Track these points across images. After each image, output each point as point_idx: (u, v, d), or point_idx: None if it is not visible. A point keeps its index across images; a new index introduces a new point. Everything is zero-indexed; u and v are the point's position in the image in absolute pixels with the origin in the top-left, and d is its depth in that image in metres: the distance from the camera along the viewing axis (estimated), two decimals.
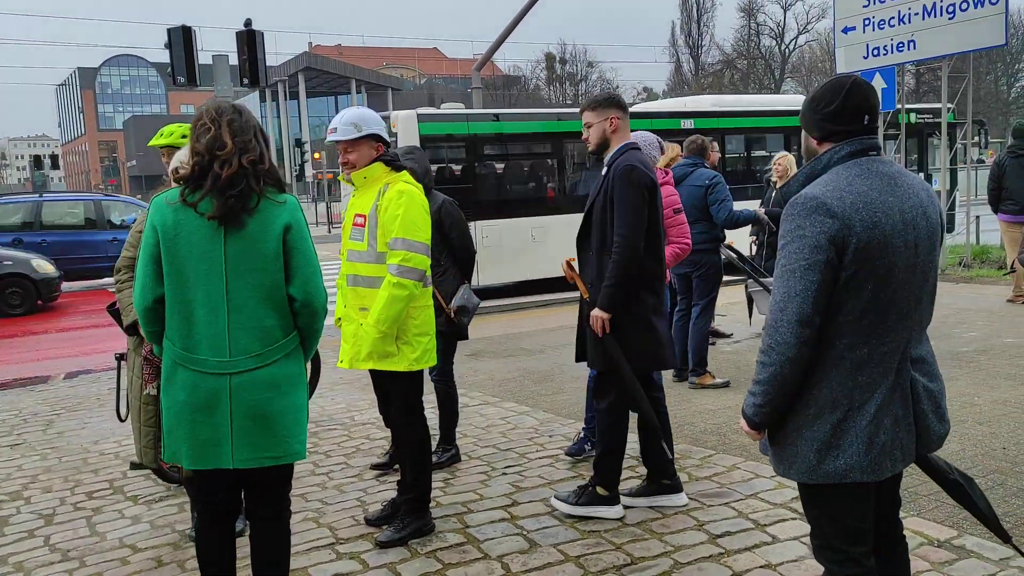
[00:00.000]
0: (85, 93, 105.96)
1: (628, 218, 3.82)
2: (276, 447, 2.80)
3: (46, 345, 10.53)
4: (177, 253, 2.68)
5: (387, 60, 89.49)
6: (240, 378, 2.72)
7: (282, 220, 2.73)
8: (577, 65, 68.70)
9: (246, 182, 2.68)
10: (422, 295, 3.83)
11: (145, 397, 3.90)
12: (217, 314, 2.69)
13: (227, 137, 2.70)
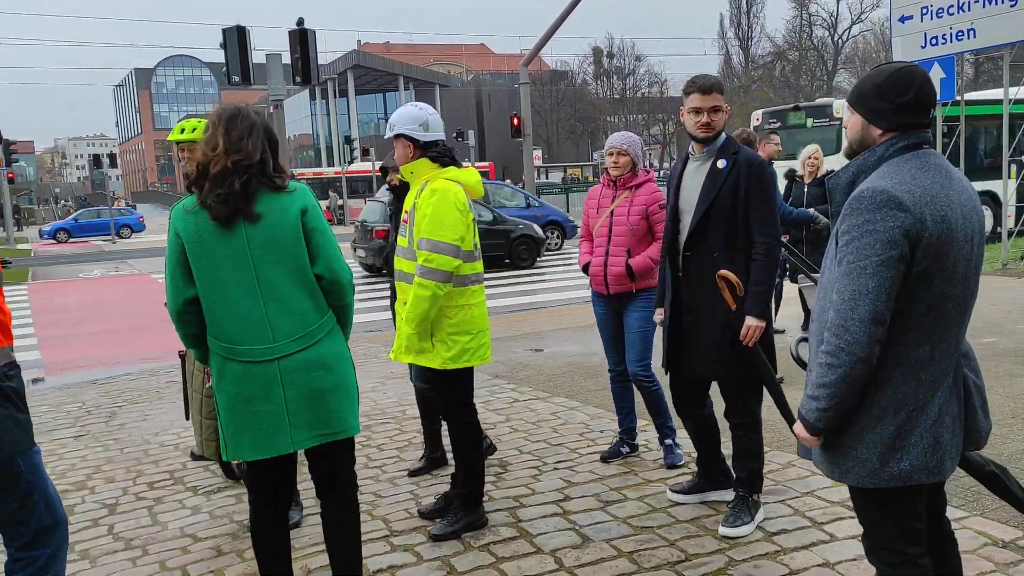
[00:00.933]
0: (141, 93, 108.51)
1: (772, 217, 3.66)
2: (331, 423, 2.92)
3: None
4: (204, 254, 2.81)
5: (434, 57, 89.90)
6: (287, 361, 2.84)
7: (298, 205, 2.84)
8: (625, 59, 68.19)
9: (232, 180, 2.76)
10: (460, 294, 3.81)
11: (207, 391, 3.98)
12: (254, 304, 2.82)
13: (220, 138, 2.82)
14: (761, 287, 3.62)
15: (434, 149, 3.88)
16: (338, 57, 62.15)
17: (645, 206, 4.58)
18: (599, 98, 67.71)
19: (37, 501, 2.69)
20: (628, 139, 4.70)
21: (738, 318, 3.60)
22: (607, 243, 4.65)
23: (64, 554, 2.80)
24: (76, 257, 28.26)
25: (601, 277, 4.66)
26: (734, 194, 3.64)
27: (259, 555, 3.09)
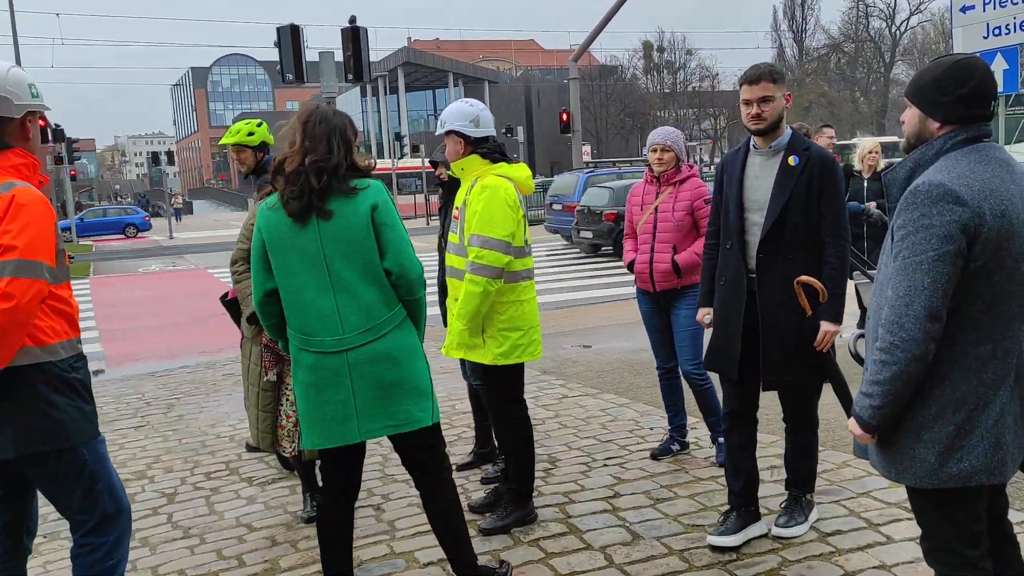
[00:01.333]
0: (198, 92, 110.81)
1: (844, 218, 3.50)
2: (397, 415, 2.99)
3: None
4: (281, 249, 2.94)
5: (483, 53, 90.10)
6: (356, 353, 2.92)
7: (368, 201, 2.90)
8: (675, 53, 67.54)
9: (305, 179, 2.86)
10: (511, 290, 3.81)
11: (264, 384, 4.06)
12: (326, 297, 2.91)
13: (297, 137, 2.93)
14: (837, 289, 3.46)
15: (484, 145, 3.89)
16: (389, 54, 62.67)
17: (690, 201, 4.53)
18: (649, 93, 67.15)
19: (101, 490, 2.78)
20: (671, 134, 4.66)
21: (812, 324, 3.44)
22: (652, 240, 4.61)
23: (127, 541, 2.89)
24: (135, 252, 28.99)
25: (647, 274, 4.63)
26: (807, 194, 3.45)
27: (323, 544, 3.17)
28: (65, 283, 2.74)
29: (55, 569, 3.89)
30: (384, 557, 3.75)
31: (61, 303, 2.69)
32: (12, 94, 2.67)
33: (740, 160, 3.63)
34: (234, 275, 4.16)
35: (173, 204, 45.94)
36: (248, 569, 3.74)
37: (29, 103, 2.72)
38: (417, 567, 3.65)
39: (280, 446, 4.10)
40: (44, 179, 2.77)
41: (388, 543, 3.89)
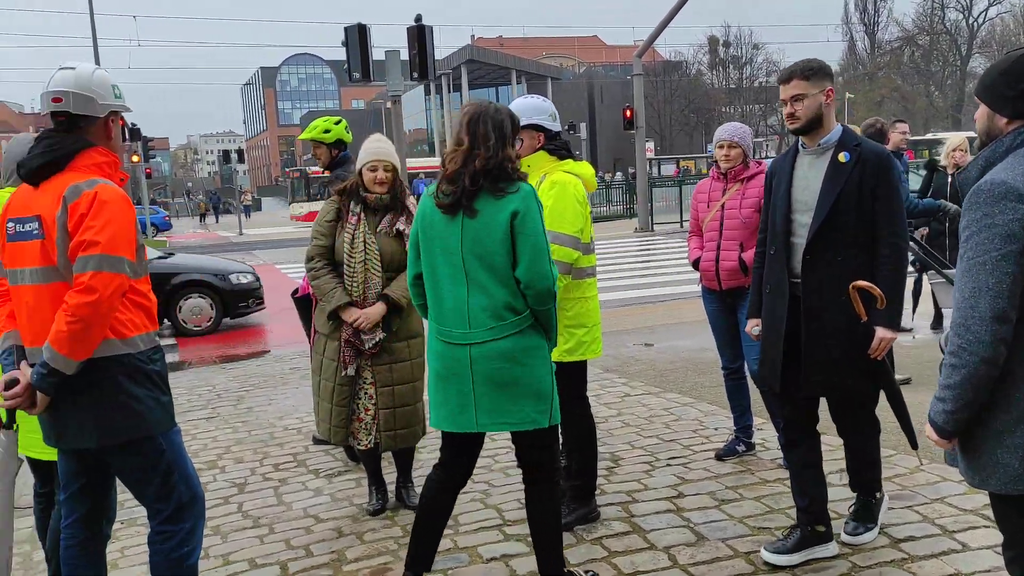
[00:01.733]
0: (267, 91, 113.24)
1: (901, 217, 3.33)
2: (511, 414, 3.07)
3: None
4: (428, 238, 3.10)
5: (546, 50, 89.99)
6: (479, 348, 3.03)
7: (510, 207, 2.96)
8: (742, 48, 66.44)
9: (465, 177, 2.96)
10: (576, 287, 3.81)
11: (342, 379, 4.12)
12: (458, 291, 3.04)
13: (464, 135, 3.03)
14: (893, 294, 3.28)
15: (553, 141, 3.91)
16: (452, 52, 63.07)
17: (758, 198, 4.44)
18: (714, 88, 66.20)
19: (178, 479, 2.87)
20: (738, 130, 4.59)
21: (866, 329, 3.28)
22: (718, 237, 4.55)
23: (201, 529, 2.98)
24: (206, 248, 29.78)
25: (713, 272, 4.57)
26: (859, 191, 3.28)
27: (417, 527, 3.24)
28: (144, 277, 2.84)
29: (132, 554, 4.02)
30: (448, 551, 3.79)
31: (140, 297, 2.79)
32: (97, 94, 2.77)
33: (789, 162, 3.49)
34: (311, 271, 4.19)
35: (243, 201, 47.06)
36: (315, 559, 3.81)
37: (112, 103, 2.82)
38: (480, 562, 3.67)
39: (356, 439, 4.16)
40: (125, 176, 2.87)
41: (452, 537, 3.93)
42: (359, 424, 4.14)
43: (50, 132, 2.77)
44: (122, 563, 3.93)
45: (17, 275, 2.77)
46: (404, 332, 4.17)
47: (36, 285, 2.70)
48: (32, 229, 2.69)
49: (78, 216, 2.62)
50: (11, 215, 2.78)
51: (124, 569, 3.87)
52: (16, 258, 2.76)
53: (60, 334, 2.57)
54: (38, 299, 2.70)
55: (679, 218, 23.38)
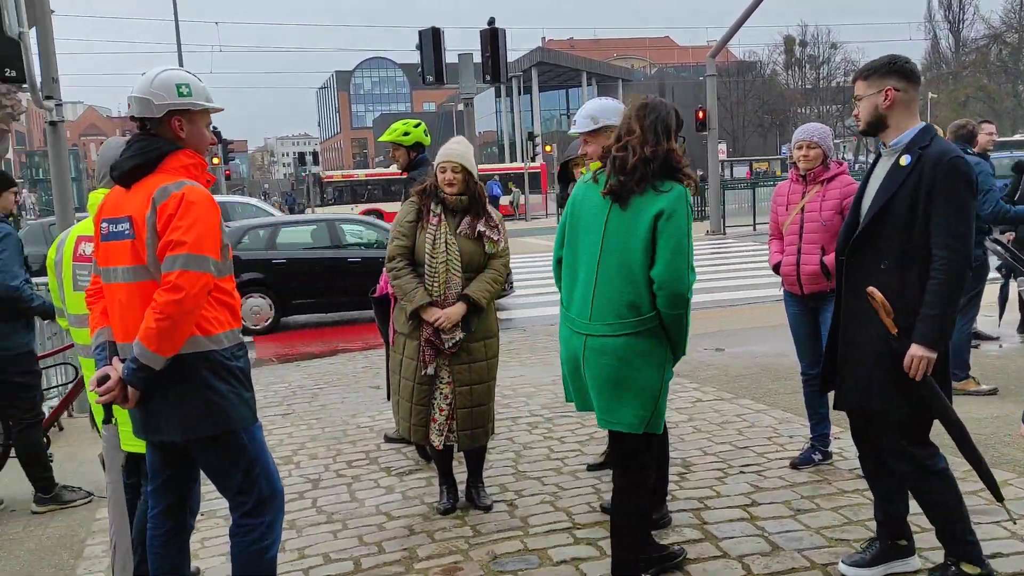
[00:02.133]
0: (341, 95, 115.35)
1: (960, 227, 2.97)
2: (610, 411, 3.13)
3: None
4: (576, 222, 3.20)
5: (618, 51, 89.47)
6: (594, 341, 3.10)
7: (656, 207, 2.99)
8: (819, 47, 64.84)
9: (638, 169, 3.02)
10: None
11: (421, 377, 4.17)
12: (589, 279, 3.11)
13: (635, 125, 3.09)
14: (933, 309, 2.96)
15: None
16: (523, 54, 63.22)
17: (839, 200, 4.35)
18: (789, 89, 64.78)
19: (259, 474, 2.95)
20: (818, 130, 4.50)
21: (902, 345, 3.02)
22: (799, 241, 4.46)
23: (280, 523, 3.05)
24: None
25: (794, 276, 4.48)
26: (914, 195, 3.02)
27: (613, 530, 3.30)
28: (229, 276, 2.92)
29: (211, 545, 4.14)
30: (518, 552, 3.80)
31: (225, 295, 2.87)
32: (155, 95, 2.82)
33: (872, 165, 3.36)
34: (392, 271, 4.24)
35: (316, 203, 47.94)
36: (387, 556, 3.87)
37: (172, 102, 2.83)
38: (550, 564, 3.67)
39: (429, 439, 4.21)
40: (211, 178, 2.96)
41: (522, 539, 3.94)
42: (433, 424, 4.18)
43: (139, 136, 2.88)
44: (202, 553, 4.05)
45: (110, 273, 2.88)
46: (481, 332, 4.20)
47: (128, 283, 2.81)
48: (124, 229, 2.80)
49: (166, 217, 2.71)
50: (105, 216, 2.90)
51: (204, 559, 3.99)
52: (109, 257, 2.87)
53: (149, 331, 2.66)
54: (130, 297, 2.81)
55: (751, 221, 22.98)
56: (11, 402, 4.80)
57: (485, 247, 4.18)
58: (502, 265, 4.25)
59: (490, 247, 4.19)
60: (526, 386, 6.99)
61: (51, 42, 6.78)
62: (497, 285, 4.20)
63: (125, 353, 2.80)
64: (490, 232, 4.18)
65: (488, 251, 4.19)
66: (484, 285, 4.15)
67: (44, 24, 6.81)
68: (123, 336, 2.85)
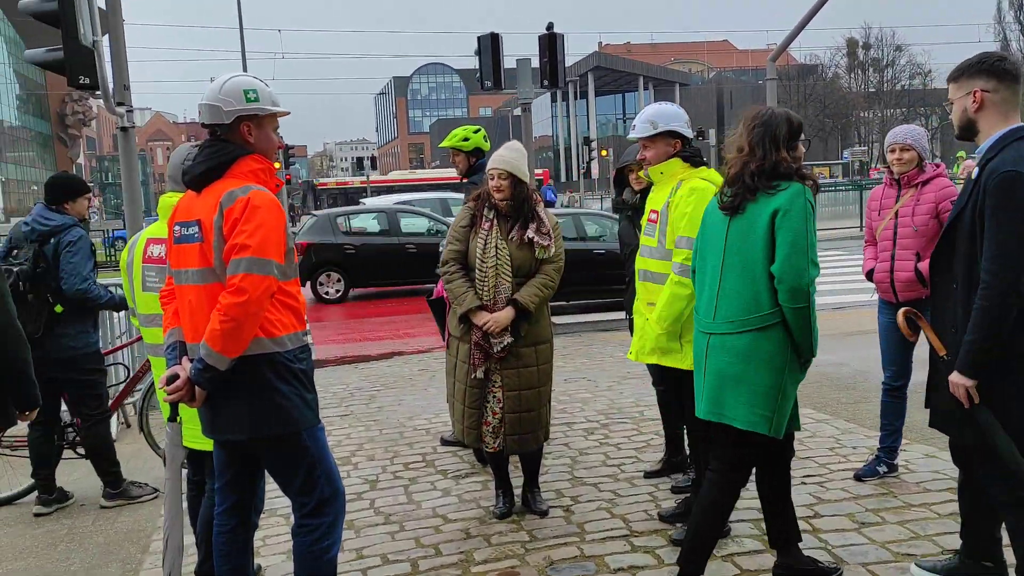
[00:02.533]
0: (398, 100, 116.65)
1: (1002, 249, 2.75)
2: (724, 406, 3.18)
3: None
4: (704, 230, 3.36)
5: (675, 55, 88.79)
6: (716, 339, 3.20)
7: (773, 205, 3.06)
8: (883, 49, 63.44)
9: (742, 180, 3.13)
10: None
11: (472, 380, 4.19)
12: (714, 282, 3.23)
13: (744, 141, 3.20)
14: (971, 335, 2.79)
15: (687, 149, 3.89)
16: (580, 59, 63.19)
17: (934, 204, 4.22)
18: (852, 92, 63.50)
19: (320, 474, 2.99)
20: (912, 132, 4.38)
21: (949, 368, 2.89)
22: (892, 247, 4.35)
23: (341, 523, 3.08)
24: None
25: (887, 284, 4.37)
26: (973, 211, 2.85)
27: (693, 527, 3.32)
28: (293, 280, 2.97)
29: (272, 543, 4.21)
30: (574, 559, 3.78)
31: (289, 298, 2.92)
32: (224, 102, 2.89)
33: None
34: (444, 275, 4.29)
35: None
36: (444, 559, 3.88)
37: (241, 108, 2.89)
38: (607, 571, 3.64)
39: (483, 441, 4.22)
40: (280, 183, 3.02)
41: (578, 545, 3.92)
42: (486, 428, 4.19)
43: (210, 141, 2.95)
44: (264, 551, 4.12)
45: (181, 275, 2.96)
46: (532, 337, 4.19)
47: (196, 285, 2.88)
48: (193, 232, 2.86)
49: (232, 220, 2.76)
50: (178, 219, 2.98)
51: (266, 557, 4.05)
52: (181, 259, 2.95)
53: (214, 332, 2.72)
54: (198, 298, 2.88)
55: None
56: (80, 399, 4.96)
57: (536, 253, 4.18)
58: (554, 271, 4.22)
59: (540, 253, 4.17)
60: (582, 391, 6.96)
61: (123, 50, 6.99)
62: (547, 291, 4.18)
63: (194, 353, 2.87)
64: (540, 238, 4.16)
65: (539, 256, 4.18)
66: (533, 290, 4.14)
67: (116, 32, 7.02)
68: (192, 337, 2.92)
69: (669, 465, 4.85)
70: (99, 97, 6.73)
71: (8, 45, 60.47)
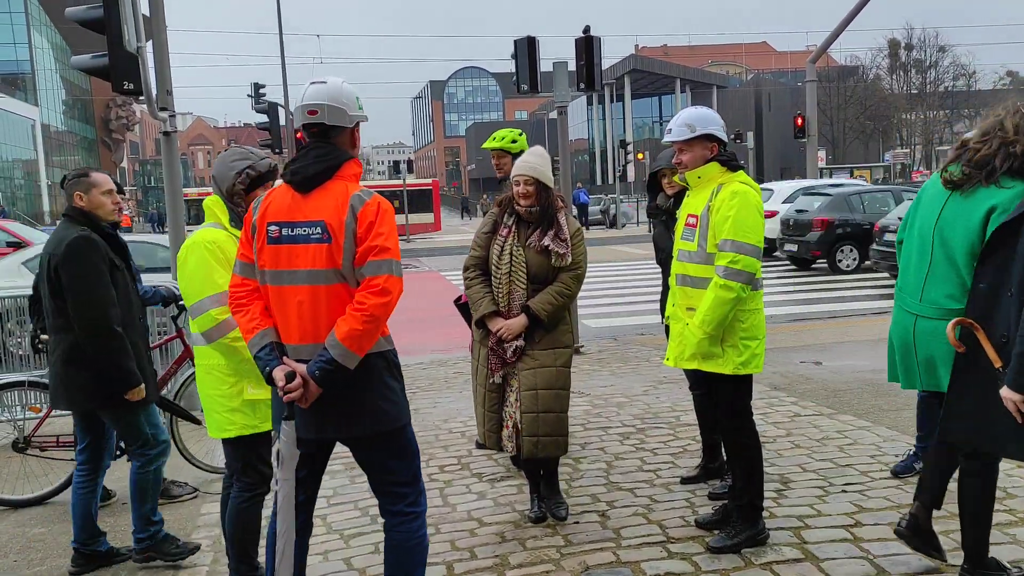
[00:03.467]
0: (435, 104, 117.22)
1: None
2: (940, 382, 3.27)
3: None
4: (916, 208, 3.43)
5: (713, 58, 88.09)
6: (923, 323, 3.30)
7: (993, 200, 3.12)
8: (926, 50, 62.33)
9: (991, 162, 3.16)
10: (751, 298, 3.75)
11: (490, 385, 4.19)
12: (922, 263, 3.33)
13: (1009, 123, 3.21)
14: (1018, 347, 2.71)
15: (724, 153, 3.86)
16: (616, 62, 62.98)
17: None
18: (893, 94, 62.47)
19: (418, 465, 3.12)
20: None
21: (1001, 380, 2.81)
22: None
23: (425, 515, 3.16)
24: None
25: None
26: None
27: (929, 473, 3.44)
28: None
29: None
30: (610, 564, 3.76)
31: None
32: (347, 106, 2.96)
33: None
34: (465, 280, 4.32)
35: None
36: (479, 562, 3.88)
37: (358, 114, 3.01)
38: None
39: (504, 446, 4.22)
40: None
41: (614, 551, 3.89)
42: (505, 431, 4.20)
43: (318, 143, 2.96)
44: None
45: (284, 276, 2.90)
46: (550, 342, 4.16)
47: (314, 286, 2.86)
48: (311, 233, 2.86)
49: (367, 223, 2.82)
50: (274, 219, 2.91)
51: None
52: (287, 259, 2.89)
53: (354, 331, 2.77)
54: (314, 299, 2.86)
55: None
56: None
57: (552, 260, 4.13)
58: (571, 279, 4.16)
59: (556, 261, 4.12)
60: (617, 395, 6.93)
61: (166, 55, 7.10)
62: (563, 299, 4.12)
63: (298, 355, 2.87)
64: (556, 246, 4.10)
65: (555, 264, 4.13)
66: (547, 298, 4.09)
67: (159, 39, 7.14)
68: (300, 337, 2.89)
69: (706, 471, 4.81)
70: (143, 102, 6.84)
71: (55, 51, 61.89)
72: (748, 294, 3.69)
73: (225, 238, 3.48)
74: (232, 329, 3.35)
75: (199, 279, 3.43)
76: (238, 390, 3.48)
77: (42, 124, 58.93)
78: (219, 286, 3.36)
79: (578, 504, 4.51)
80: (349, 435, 2.98)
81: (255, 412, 3.51)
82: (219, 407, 3.50)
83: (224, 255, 3.42)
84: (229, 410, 3.49)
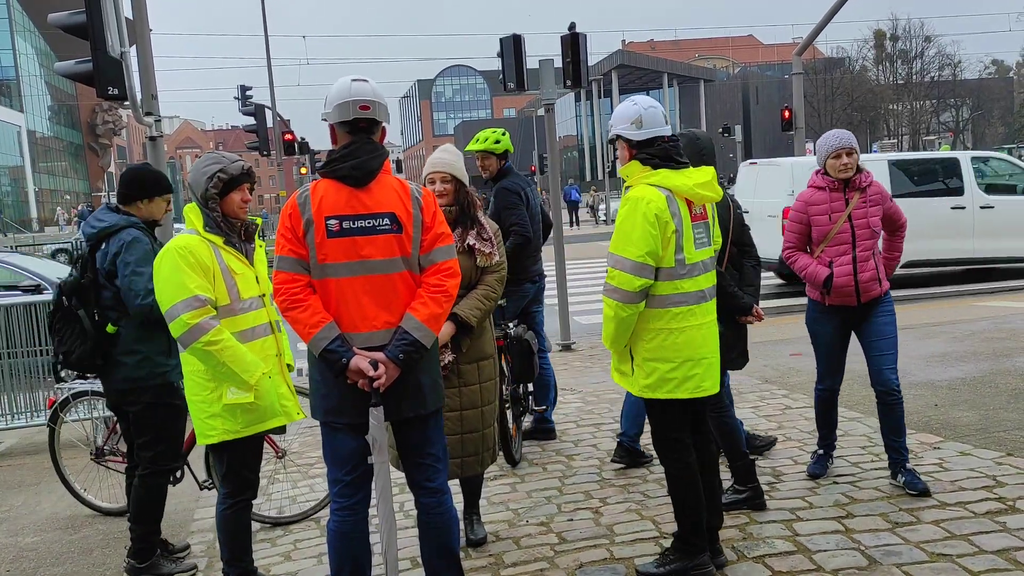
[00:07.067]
0: (423, 103, 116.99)
1: None
2: None
3: None
4: None
5: (699, 52, 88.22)
6: None
7: None
8: (911, 41, 62.61)
9: None
10: (655, 317, 3.36)
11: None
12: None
13: None
14: None
15: (648, 149, 3.40)
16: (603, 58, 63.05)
17: (880, 204, 4.42)
18: (879, 85, 62.72)
19: (445, 446, 3.24)
20: (852, 136, 4.48)
21: None
22: (852, 249, 4.36)
23: None
24: None
25: (852, 287, 4.36)
26: None
27: None
28: None
29: (304, 547, 4.25)
30: (604, 561, 3.77)
31: None
32: (386, 103, 3.09)
33: None
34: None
35: None
36: (474, 561, 3.89)
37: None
38: (637, 574, 3.62)
39: None
40: None
41: (607, 547, 3.90)
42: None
43: (366, 139, 3.02)
44: (295, 555, 4.15)
45: (354, 267, 2.92)
46: (474, 354, 3.83)
47: (388, 275, 2.97)
48: (378, 224, 2.95)
49: (432, 212, 3.04)
50: (332, 213, 2.92)
51: (297, 561, 4.09)
52: (354, 251, 2.92)
53: (436, 314, 2.98)
54: (383, 286, 2.96)
55: None
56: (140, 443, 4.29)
57: (476, 261, 3.85)
58: (496, 281, 3.87)
59: (482, 261, 3.83)
60: (609, 392, 6.93)
61: (150, 60, 7.07)
62: (489, 302, 3.83)
63: (370, 342, 2.94)
64: (481, 245, 3.83)
65: (480, 265, 3.84)
66: (474, 303, 3.77)
67: (143, 43, 7.11)
68: (368, 326, 2.96)
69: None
70: (128, 107, 6.81)
71: (40, 57, 61.61)
72: (646, 312, 3.34)
73: (198, 243, 3.46)
74: (204, 334, 3.32)
75: (172, 285, 3.39)
76: (217, 395, 3.45)
77: (28, 130, 58.67)
78: (190, 291, 3.35)
79: (571, 501, 4.52)
80: (424, 411, 3.07)
81: (236, 417, 3.48)
82: (200, 412, 3.50)
83: (196, 260, 3.40)
84: (209, 415, 3.48)
